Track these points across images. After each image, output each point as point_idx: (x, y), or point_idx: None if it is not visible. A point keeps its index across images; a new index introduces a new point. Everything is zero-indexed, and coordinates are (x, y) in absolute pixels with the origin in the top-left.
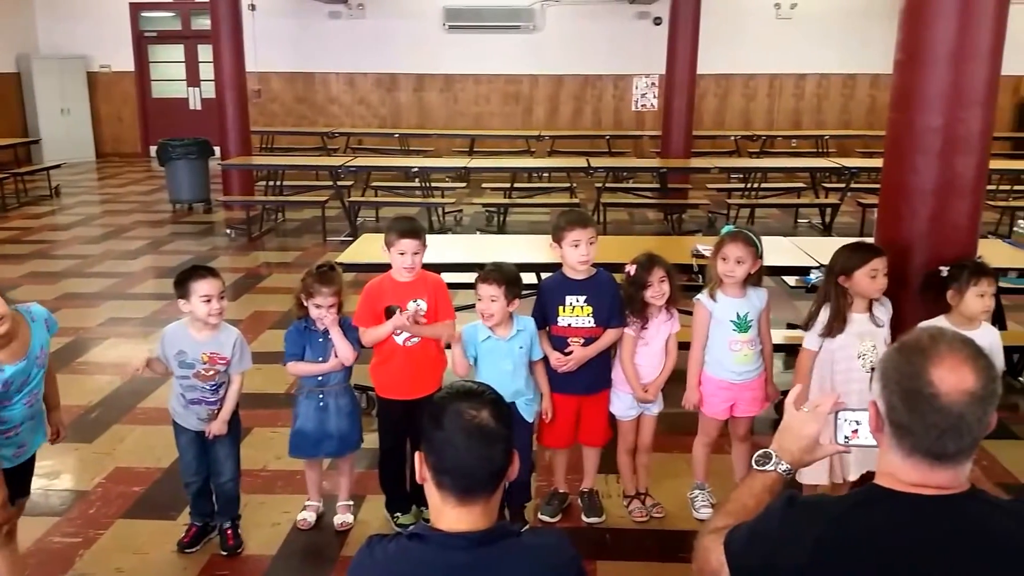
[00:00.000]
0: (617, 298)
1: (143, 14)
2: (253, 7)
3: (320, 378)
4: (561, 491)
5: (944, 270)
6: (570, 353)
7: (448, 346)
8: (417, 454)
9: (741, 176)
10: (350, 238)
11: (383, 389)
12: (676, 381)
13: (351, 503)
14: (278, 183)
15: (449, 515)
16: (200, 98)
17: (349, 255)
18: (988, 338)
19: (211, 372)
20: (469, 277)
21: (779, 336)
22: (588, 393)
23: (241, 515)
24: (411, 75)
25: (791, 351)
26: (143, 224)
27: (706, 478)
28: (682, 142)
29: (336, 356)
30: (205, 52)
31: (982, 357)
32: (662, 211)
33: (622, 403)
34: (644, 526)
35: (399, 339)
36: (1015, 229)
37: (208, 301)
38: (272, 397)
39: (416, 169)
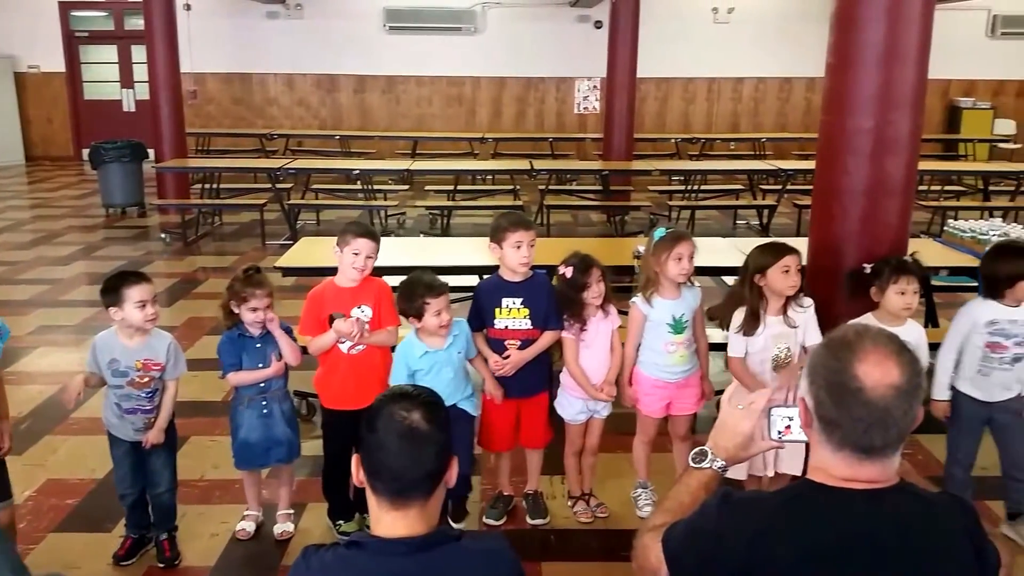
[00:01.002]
0: (553, 300)
1: (73, 13)
2: (188, 7)
3: (262, 384)
4: (506, 494)
5: (868, 267)
6: (508, 356)
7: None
8: (354, 457)
9: (682, 178)
10: (290, 241)
11: (329, 400)
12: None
13: (291, 512)
14: (215, 186)
15: (386, 520)
16: (134, 100)
17: (289, 259)
18: (913, 334)
19: (145, 379)
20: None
21: (718, 335)
22: (526, 396)
23: (178, 526)
24: (351, 76)
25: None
26: (75, 229)
27: (648, 477)
28: (623, 145)
29: (277, 360)
30: (139, 53)
31: (906, 352)
32: (605, 213)
33: (572, 407)
34: (588, 526)
35: (343, 347)
36: (945, 228)
37: (143, 307)
38: (209, 405)
39: (358, 171)
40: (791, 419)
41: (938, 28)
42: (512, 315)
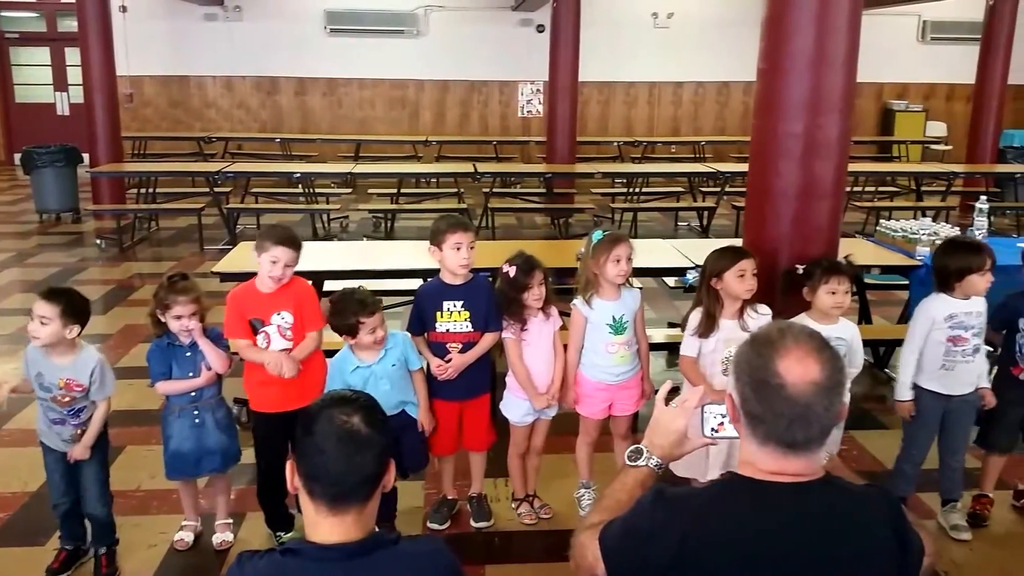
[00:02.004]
0: (494, 302)
1: (3, 14)
2: (124, 9)
3: (193, 394)
4: (450, 498)
5: (800, 268)
6: (450, 360)
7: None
8: (289, 463)
9: (624, 181)
10: (229, 246)
11: (258, 403)
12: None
13: (230, 521)
14: (151, 191)
15: (322, 526)
16: (68, 103)
17: (226, 264)
18: (848, 332)
19: (67, 398)
20: (356, 284)
21: (660, 335)
22: (469, 398)
23: (119, 539)
24: (292, 79)
25: (672, 349)
26: (7, 236)
27: (591, 477)
28: (567, 148)
29: (207, 369)
30: (73, 55)
31: (827, 349)
32: (549, 215)
33: (518, 409)
34: (533, 528)
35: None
36: (877, 228)
37: (40, 322)
38: (145, 414)
39: (299, 174)
40: (724, 416)
41: (871, 33)
42: (453, 319)
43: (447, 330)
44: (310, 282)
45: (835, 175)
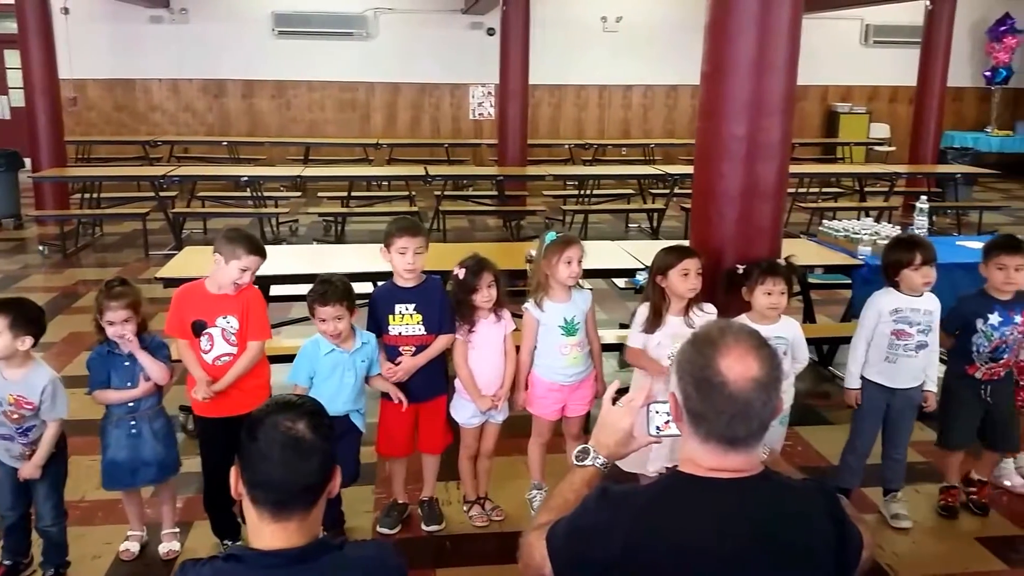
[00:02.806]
0: (447, 305)
1: None
2: (66, 11)
3: (131, 404)
4: (400, 502)
5: (740, 268)
6: (399, 363)
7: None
8: (232, 469)
9: (576, 183)
10: (175, 251)
11: (200, 407)
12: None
13: (177, 530)
14: (95, 195)
15: (265, 532)
16: (8, 106)
17: (171, 269)
18: (789, 331)
19: (15, 415)
20: (305, 289)
21: (611, 336)
22: (424, 400)
23: (70, 562)
24: (240, 81)
25: (624, 350)
26: None
27: (543, 478)
28: (518, 150)
29: (147, 380)
30: (13, 58)
31: (765, 347)
32: (501, 218)
33: (465, 411)
34: (484, 530)
35: (208, 358)
36: (820, 228)
37: None
38: (90, 423)
39: (246, 178)
40: (668, 414)
41: (815, 37)
42: (405, 321)
43: (399, 333)
44: (256, 286)
45: (777, 176)
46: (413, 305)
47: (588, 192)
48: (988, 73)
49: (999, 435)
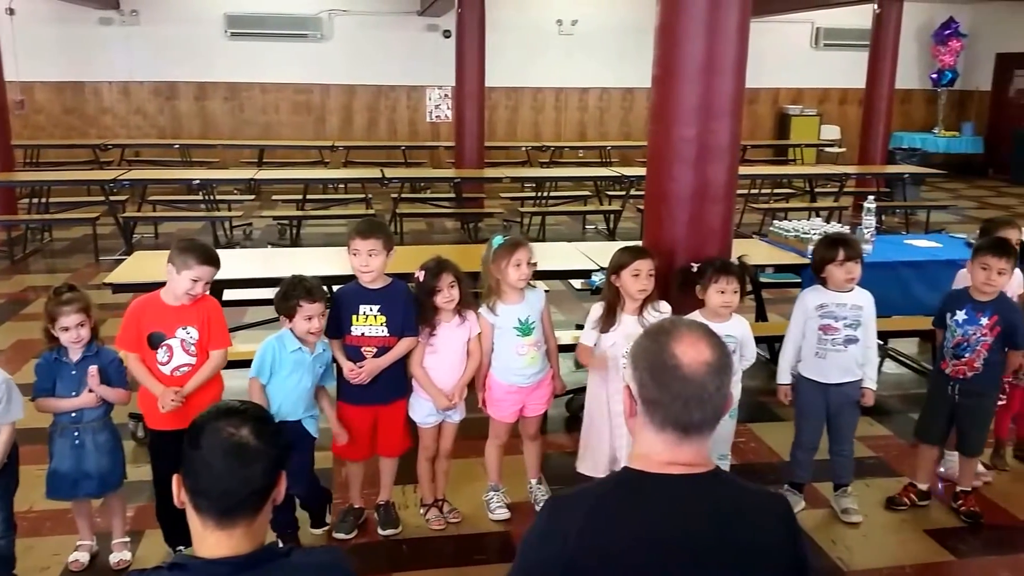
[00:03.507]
0: (411, 308)
1: None
2: (11, 11)
3: (74, 414)
4: (357, 506)
5: (695, 267)
6: (363, 365)
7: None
8: (175, 477)
9: (533, 185)
10: (125, 256)
11: (153, 420)
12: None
13: (128, 540)
14: (44, 200)
15: (210, 540)
16: None
17: (120, 274)
18: (738, 330)
19: None
20: (260, 293)
21: (568, 337)
22: (384, 403)
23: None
24: (192, 83)
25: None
26: None
27: (500, 479)
28: (475, 153)
29: (90, 391)
30: None
31: (714, 336)
32: (459, 220)
33: (422, 409)
34: (441, 533)
35: (166, 369)
36: (770, 228)
37: None
38: (38, 432)
39: (198, 181)
40: None
41: (767, 40)
42: (369, 322)
43: (362, 333)
44: (209, 292)
45: (727, 178)
46: (378, 307)
47: (545, 194)
48: (934, 75)
49: (963, 437)
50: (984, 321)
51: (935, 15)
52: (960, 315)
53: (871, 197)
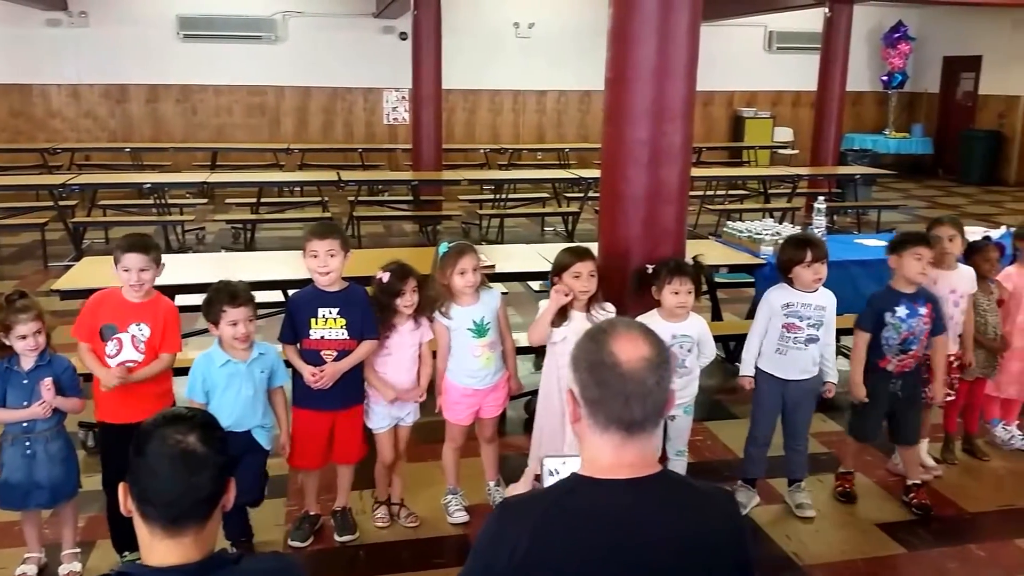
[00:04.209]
0: (370, 311)
1: None
2: None
3: (26, 424)
4: (312, 513)
5: (650, 268)
6: (324, 369)
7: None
8: (121, 485)
9: (492, 187)
10: (75, 262)
11: (104, 412)
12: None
13: (78, 551)
14: None
15: (158, 548)
16: None
17: (69, 280)
18: (695, 329)
19: None
20: None
21: (526, 339)
22: (342, 408)
23: None
24: (143, 86)
25: (539, 353)
26: None
27: (458, 483)
28: (433, 155)
29: (43, 400)
30: None
31: (652, 334)
32: (417, 223)
33: (376, 415)
34: (399, 536)
35: (113, 363)
36: (724, 229)
37: None
38: None
39: (150, 185)
40: (564, 462)
41: (721, 44)
42: (328, 325)
43: (322, 337)
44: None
45: (680, 179)
46: (337, 310)
47: (504, 196)
48: (885, 78)
49: (903, 428)
50: (923, 311)
51: (884, 19)
52: (901, 311)
53: (821, 198)
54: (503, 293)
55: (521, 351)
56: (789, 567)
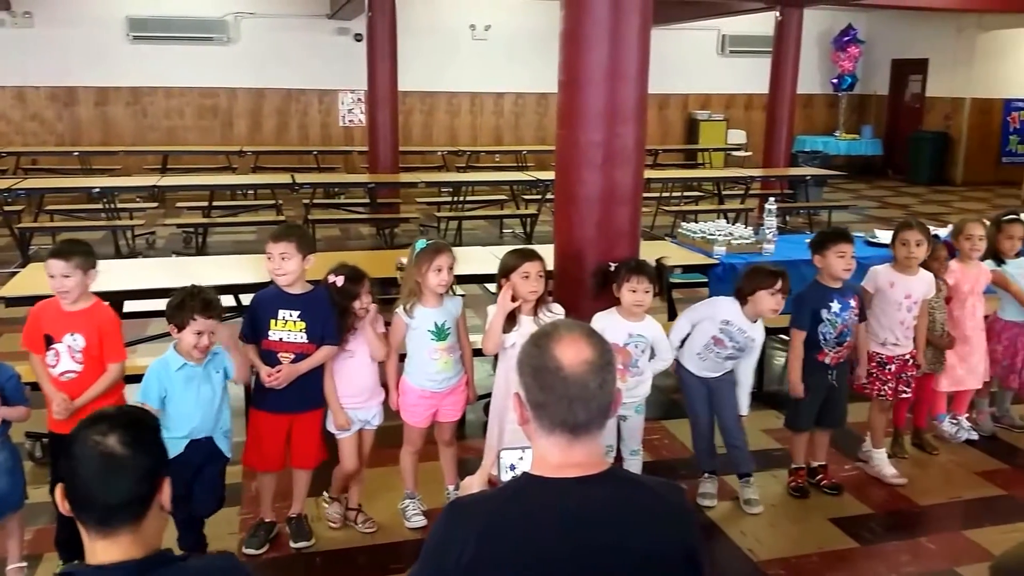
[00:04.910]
0: (332, 316)
1: None
2: None
3: None
4: (268, 520)
5: (612, 266)
6: (280, 369)
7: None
8: (58, 486)
9: (450, 190)
10: (21, 268)
11: (54, 421)
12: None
13: (24, 564)
14: None
15: (98, 548)
16: None
17: (14, 287)
18: (650, 331)
19: None
20: (163, 305)
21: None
22: (300, 411)
23: None
24: (92, 88)
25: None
26: None
27: (416, 487)
28: (390, 157)
29: None
30: None
31: (595, 335)
32: (374, 226)
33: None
34: (355, 543)
35: (54, 372)
36: (678, 230)
37: None
38: None
39: (98, 189)
40: (520, 458)
41: (675, 48)
42: (288, 327)
43: (280, 339)
44: (108, 303)
45: (633, 181)
46: (298, 312)
47: (462, 198)
48: (835, 80)
49: (833, 414)
50: (853, 304)
51: (835, 22)
52: (835, 307)
53: (772, 199)
54: (461, 295)
55: (476, 354)
56: (744, 563)
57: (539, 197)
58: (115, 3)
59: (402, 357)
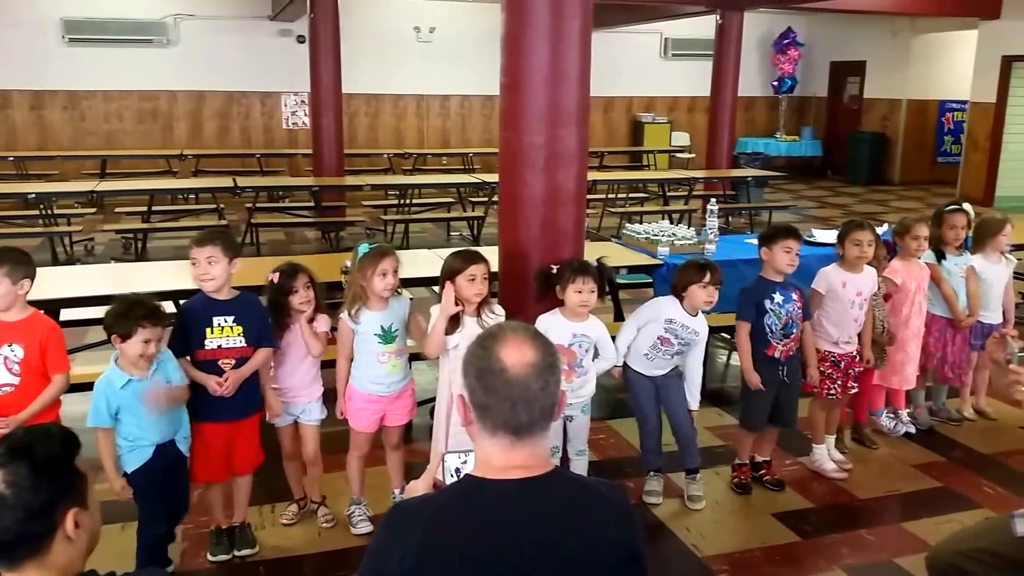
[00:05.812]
0: (266, 317)
1: None
2: None
3: None
4: (224, 527)
5: (555, 268)
6: (227, 378)
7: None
8: None
9: (396, 193)
10: None
11: None
12: (330, 400)
13: None
14: None
15: None
16: None
17: None
18: (594, 331)
19: None
20: (102, 312)
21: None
22: (243, 417)
23: None
24: (27, 92)
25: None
26: None
27: (362, 492)
28: (334, 160)
29: None
30: None
31: (540, 337)
32: (319, 230)
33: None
34: (300, 550)
35: None
36: (623, 231)
37: None
38: None
39: (35, 195)
40: (464, 461)
41: (618, 51)
42: (225, 334)
43: (219, 346)
44: (44, 311)
45: (576, 183)
46: (232, 317)
47: (409, 201)
48: (775, 83)
49: (784, 411)
50: (795, 297)
51: (774, 26)
52: (777, 298)
53: (713, 200)
54: (409, 299)
55: (415, 356)
56: (689, 559)
57: (486, 199)
58: (50, 5)
59: None
